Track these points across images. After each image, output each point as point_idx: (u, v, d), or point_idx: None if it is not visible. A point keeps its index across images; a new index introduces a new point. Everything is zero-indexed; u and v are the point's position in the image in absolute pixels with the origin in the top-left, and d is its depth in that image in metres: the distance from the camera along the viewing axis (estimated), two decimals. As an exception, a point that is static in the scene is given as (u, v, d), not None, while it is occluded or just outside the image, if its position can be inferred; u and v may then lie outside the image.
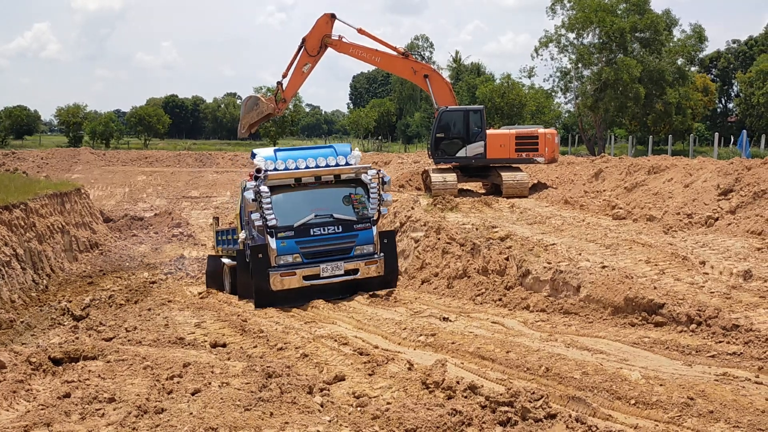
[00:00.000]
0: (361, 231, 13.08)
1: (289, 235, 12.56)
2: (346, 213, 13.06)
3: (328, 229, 12.81)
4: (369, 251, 13.13)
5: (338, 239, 12.89)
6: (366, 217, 13.19)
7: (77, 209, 19.68)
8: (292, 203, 12.87)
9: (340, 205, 13.13)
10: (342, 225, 12.91)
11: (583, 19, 46.63)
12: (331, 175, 13.26)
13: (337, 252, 12.86)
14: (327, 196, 13.20)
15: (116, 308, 13.14)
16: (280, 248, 12.48)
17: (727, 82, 73.85)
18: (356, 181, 13.40)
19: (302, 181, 13.07)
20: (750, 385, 6.81)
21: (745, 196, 14.67)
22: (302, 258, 12.60)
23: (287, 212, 12.63)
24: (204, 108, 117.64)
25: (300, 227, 12.62)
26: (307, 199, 13.07)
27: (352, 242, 12.98)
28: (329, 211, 12.97)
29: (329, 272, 12.65)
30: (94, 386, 6.56)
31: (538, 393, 6.42)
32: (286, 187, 12.95)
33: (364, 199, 13.30)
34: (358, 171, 13.38)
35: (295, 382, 6.97)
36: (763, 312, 8.77)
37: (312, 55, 21.59)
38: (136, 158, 46.71)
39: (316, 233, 12.71)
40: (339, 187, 13.35)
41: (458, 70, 74.32)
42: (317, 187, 13.22)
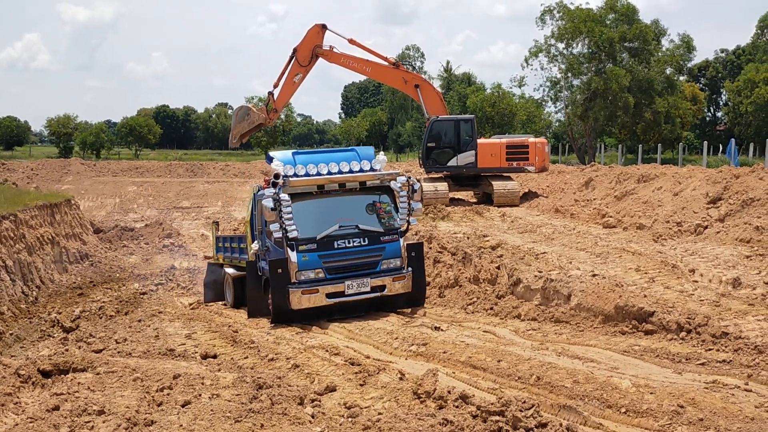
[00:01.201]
0: (388, 243, 11.98)
1: (312, 248, 11.46)
2: (372, 224, 11.98)
3: (354, 242, 11.72)
4: (396, 266, 12.03)
5: (364, 253, 11.78)
6: (393, 229, 12.10)
7: (67, 220, 19.58)
8: (314, 213, 11.79)
9: (365, 215, 12.06)
10: (368, 237, 11.82)
11: (572, 30, 46.98)
12: (356, 182, 12.13)
13: (363, 267, 11.79)
14: (351, 205, 12.07)
15: (106, 320, 13.07)
16: (301, 263, 11.37)
17: (715, 91, 74.49)
18: (382, 189, 12.33)
19: (325, 188, 11.97)
20: (739, 393, 6.84)
21: (734, 204, 14.79)
22: (325, 273, 11.52)
23: (309, 223, 11.54)
24: (195, 118, 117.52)
25: (323, 239, 11.53)
26: (330, 208, 11.94)
27: (378, 256, 11.89)
28: (354, 222, 11.87)
29: (354, 289, 11.58)
30: (84, 398, 6.53)
31: (529, 402, 6.43)
32: (307, 194, 11.83)
33: (391, 208, 12.27)
34: (388, 177, 12.29)
35: (285, 393, 6.95)
36: (752, 319, 8.82)
37: (303, 66, 21.65)
38: (127, 169, 46.56)
39: (340, 246, 11.61)
40: (364, 194, 12.21)
41: (449, 80, 74.65)
42: (340, 195, 12.06)
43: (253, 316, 12.44)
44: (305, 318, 11.51)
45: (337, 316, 11.64)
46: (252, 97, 62.99)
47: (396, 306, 12.07)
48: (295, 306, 11.30)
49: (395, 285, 11.87)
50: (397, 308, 11.99)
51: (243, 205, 32.04)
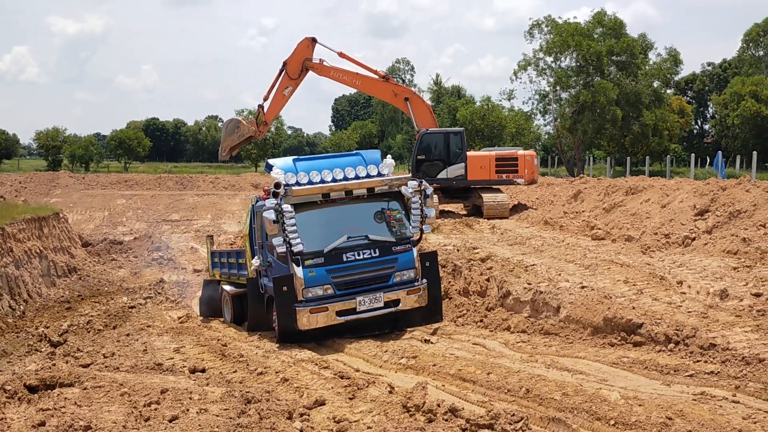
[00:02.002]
0: (400, 254, 11.23)
1: (319, 262, 10.68)
2: (382, 233, 11.22)
3: (364, 254, 10.93)
4: (410, 277, 11.28)
5: (376, 265, 11.00)
6: (405, 238, 11.35)
7: (55, 234, 19.46)
8: (320, 223, 11.02)
9: (374, 224, 11.29)
10: (379, 248, 11.06)
11: (560, 43, 47.40)
12: (364, 189, 11.35)
13: (375, 280, 11.02)
14: (359, 214, 11.31)
15: (94, 334, 12.95)
16: (308, 279, 10.59)
17: (702, 104, 75.22)
18: (391, 195, 11.59)
19: (331, 197, 11.19)
20: (727, 404, 6.88)
21: (721, 216, 14.89)
22: (334, 289, 10.77)
23: (314, 235, 10.77)
24: (185, 131, 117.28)
25: (331, 252, 10.77)
26: (336, 217, 11.17)
27: (391, 268, 11.12)
28: (363, 232, 11.10)
29: (367, 305, 10.77)
30: (70, 414, 6.46)
31: (518, 415, 6.44)
32: (311, 204, 11.06)
33: (402, 216, 11.48)
34: (398, 183, 11.55)
35: (274, 407, 6.91)
36: (740, 331, 8.87)
37: (293, 79, 21.71)
38: (116, 182, 46.30)
39: (349, 259, 10.84)
40: (372, 202, 11.43)
41: (439, 93, 74.95)
42: (347, 203, 11.28)
43: (253, 330, 12.12)
44: (314, 338, 10.81)
45: (348, 336, 10.91)
46: (242, 110, 63.11)
47: (411, 323, 11.36)
48: (303, 326, 10.51)
49: (410, 299, 11.13)
50: (413, 325, 11.31)
51: (233, 218, 31.98)
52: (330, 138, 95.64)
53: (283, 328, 10.77)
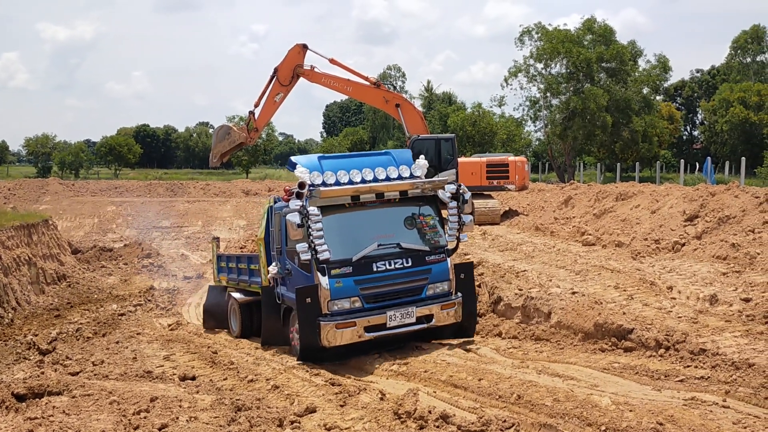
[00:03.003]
0: (434, 264, 10.27)
1: (347, 272, 9.74)
2: (414, 241, 10.31)
3: (395, 263, 9.98)
4: (444, 290, 10.35)
5: (408, 276, 10.05)
6: (440, 246, 10.43)
7: (45, 241, 19.33)
8: (348, 229, 10.09)
9: (406, 231, 10.35)
10: (411, 257, 10.12)
11: (550, 50, 47.66)
12: (396, 192, 10.39)
13: (406, 293, 10.08)
14: (389, 219, 10.38)
15: (83, 341, 12.86)
16: (334, 290, 9.65)
17: (691, 111, 75.78)
18: (424, 199, 10.65)
19: (360, 199, 10.23)
20: (717, 410, 6.89)
21: (710, 221, 14.98)
22: (363, 302, 9.82)
23: (341, 241, 9.85)
24: (176, 137, 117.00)
25: (360, 261, 9.82)
26: (365, 223, 10.25)
27: (424, 279, 10.19)
28: (395, 239, 10.18)
29: (398, 320, 9.85)
30: (59, 423, 6.41)
31: (509, 421, 6.44)
32: (338, 207, 10.08)
33: (436, 222, 10.60)
34: (434, 186, 10.60)
35: (265, 414, 6.88)
36: (729, 336, 8.91)
37: (284, 85, 21.68)
38: (106, 188, 46.13)
39: (379, 269, 9.88)
40: (403, 206, 10.51)
41: (430, 99, 75.18)
42: (377, 207, 10.34)
43: (267, 344, 11.28)
44: (338, 357, 9.91)
45: (374, 352, 10.11)
46: (233, 117, 62.99)
47: (442, 337, 10.59)
48: (328, 342, 9.56)
49: (443, 314, 10.17)
50: (443, 339, 10.57)
51: (224, 225, 31.89)
52: (321, 144, 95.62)
53: (305, 345, 9.77)
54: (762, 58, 61.45)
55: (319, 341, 9.59)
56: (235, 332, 12.99)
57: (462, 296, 10.46)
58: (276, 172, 76.32)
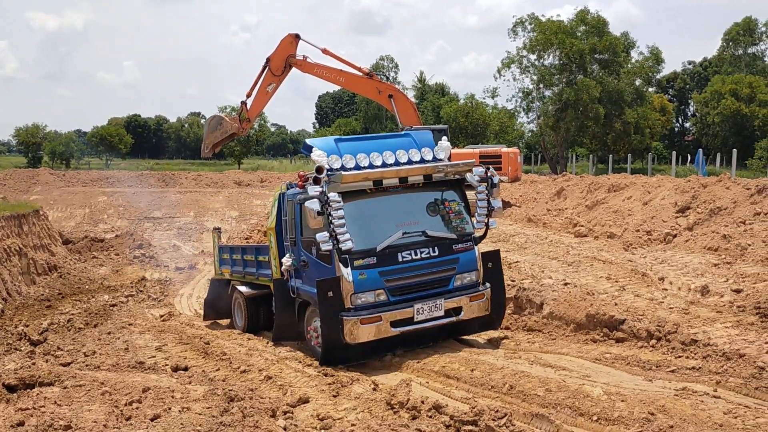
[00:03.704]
0: (462, 253, 9.67)
1: (370, 263, 9.09)
2: (440, 228, 9.69)
3: (422, 253, 9.36)
4: (472, 281, 9.78)
5: (435, 266, 9.46)
6: (466, 234, 9.83)
7: (35, 231, 19.20)
8: (369, 216, 9.45)
9: (429, 218, 9.73)
10: (438, 246, 9.50)
11: (543, 41, 47.66)
12: (421, 176, 9.73)
13: (433, 284, 9.49)
14: (412, 205, 9.72)
15: (75, 332, 12.80)
16: (358, 282, 9.02)
17: (683, 102, 76.00)
18: (448, 183, 10.01)
19: (383, 184, 9.55)
20: (708, 399, 6.94)
21: (702, 213, 15.05)
22: (388, 295, 9.20)
23: (363, 230, 9.19)
24: (167, 127, 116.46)
25: (384, 251, 9.17)
26: (387, 209, 9.57)
27: (452, 270, 9.59)
28: (420, 227, 9.54)
29: (426, 314, 9.26)
30: (50, 414, 6.38)
31: (501, 411, 6.46)
32: (359, 193, 9.40)
33: (461, 208, 10.00)
34: (462, 169, 9.95)
35: (257, 405, 6.87)
36: (720, 327, 8.97)
37: (276, 75, 21.55)
38: (97, 179, 45.93)
39: (405, 259, 9.25)
40: (427, 191, 9.87)
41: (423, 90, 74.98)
42: (399, 193, 9.67)
43: (278, 339, 10.72)
44: (364, 354, 9.34)
45: (399, 350, 9.55)
46: (225, 107, 62.71)
47: (467, 330, 10.11)
48: (352, 339, 8.97)
49: (472, 306, 9.63)
50: (470, 333, 10.15)
51: (216, 215, 31.79)
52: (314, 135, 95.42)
53: (328, 343, 9.11)
54: (754, 50, 61.65)
55: (342, 338, 8.97)
56: (240, 327, 12.46)
57: (490, 287, 9.91)
58: (268, 163, 76.12)
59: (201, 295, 16.57)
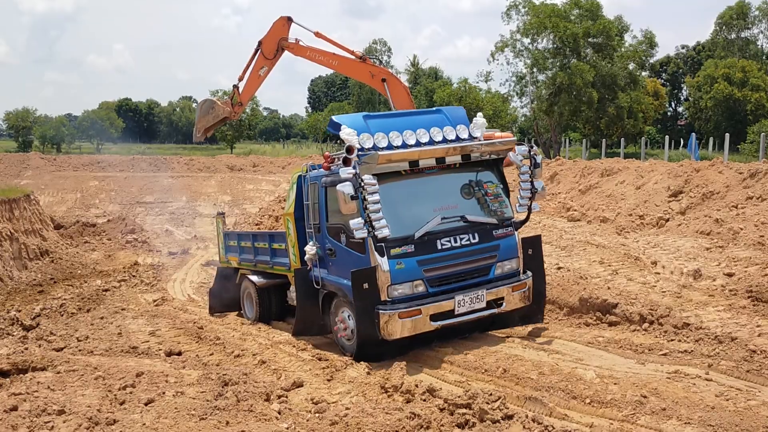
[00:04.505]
0: (502, 239, 8.99)
1: (408, 251, 8.37)
2: (478, 212, 8.99)
3: (461, 239, 8.67)
4: (513, 269, 9.10)
5: (476, 254, 8.75)
6: (506, 218, 9.17)
7: (26, 216, 19.09)
8: (404, 200, 8.69)
9: (467, 201, 9.02)
10: (478, 232, 8.81)
11: (537, 25, 47.43)
12: (459, 155, 8.94)
13: (473, 273, 8.79)
14: (449, 188, 9.00)
15: (68, 317, 12.77)
16: (395, 272, 8.30)
17: (676, 87, 75.97)
18: (486, 163, 9.32)
19: (419, 165, 8.76)
20: (700, 382, 6.99)
21: (694, 197, 15.10)
22: (426, 286, 8.49)
23: (398, 215, 8.45)
24: (158, 111, 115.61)
25: (423, 238, 8.46)
26: (422, 192, 8.84)
27: (492, 257, 8.89)
28: (458, 211, 8.82)
29: (467, 306, 8.55)
30: (43, 398, 6.36)
31: (495, 394, 6.48)
32: (392, 175, 8.60)
33: (500, 190, 9.32)
34: (504, 147, 9.25)
35: (252, 389, 6.87)
36: (713, 310, 9.02)
37: (268, 59, 21.29)
38: (88, 163, 45.70)
39: (444, 246, 8.55)
40: (463, 172, 9.12)
41: (416, 74, 74.69)
42: (434, 174, 8.90)
43: (300, 334, 9.89)
44: (399, 349, 8.67)
45: (435, 344, 8.97)
46: (217, 91, 62.32)
47: (509, 324, 9.48)
48: (390, 334, 8.25)
49: (515, 297, 8.96)
50: (510, 326, 9.50)
51: (209, 200, 31.70)
52: (306, 120, 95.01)
53: (363, 338, 8.46)
54: (747, 34, 61.56)
55: (377, 333, 8.28)
56: (250, 318, 11.84)
57: (532, 276, 9.22)
58: (260, 148, 75.79)
59: (194, 279, 16.57)
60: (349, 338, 8.91)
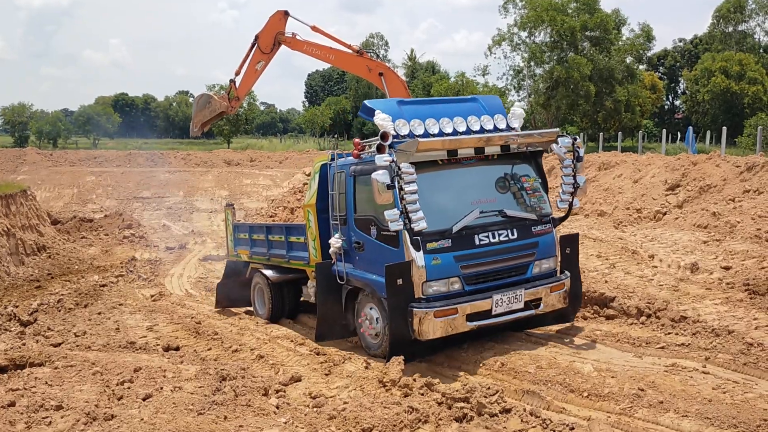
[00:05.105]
0: (541, 236, 8.57)
1: (445, 246, 7.88)
2: (517, 207, 8.56)
3: (500, 235, 8.20)
4: (550, 268, 8.69)
5: (514, 251, 8.31)
6: (545, 214, 8.76)
7: (23, 211, 19.03)
8: (441, 192, 8.19)
9: (504, 194, 8.57)
10: (517, 228, 8.36)
11: (534, 18, 47.43)
12: (498, 146, 8.49)
13: (511, 272, 8.35)
14: (487, 180, 8.53)
15: (65, 313, 12.74)
16: (431, 268, 7.78)
17: (673, 80, 75.95)
18: (524, 156, 8.88)
19: (457, 155, 8.29)
20: (698, 375, 7.01)
21: (692, 190, 15.11)
22: (463, 284, 8.01)
23: (434, 207, 7.90)
24: (155, 106, 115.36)
25: (460, 232, 7.98)
26: (460, 184, 8.34)
27: (531, 255, 8.46)
28: (496, 205, 8.37)
29: (505, 306, 8.07)
30: (41, 394, 6.37)
31: (493, 388, 6.50)
32: (429, 164, 8.10)
33: (538, 184, 8.88)
34: (546, 139, 8.77)
35: (250, 384, 6.88)
36: (710, 303, 9.04)
37: (265, 53, 21.22)
38: (85, 158, 45.61)
39: (483, 242, 8.08)
40: (502, 164, 8.65)
41: (413, 68, 74.73)
42: (472, 165, 8.44)
43: (322, 339, 9.27)
44: (432, 350, 8.29)
45: (466, 345, 8.54)
46: (214, 85, 62.28)
47: (542, 324, 9.10)
48: (424, 334, 7.73)
49: (552, 298, 8.50)
50: (543, 326, 9.12)
51: (206, 195, 31.66)
52: (303, 114, 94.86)
53: (396, 338, 7.90)
54: (744, 27, 61.56)
55: (410, 333, 7.79)
56: (261, 316, 11.30)
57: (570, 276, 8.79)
58: (257, 142, 75.73)
59: (191, 274, 16.55)
60: (376, 336, 8.45)
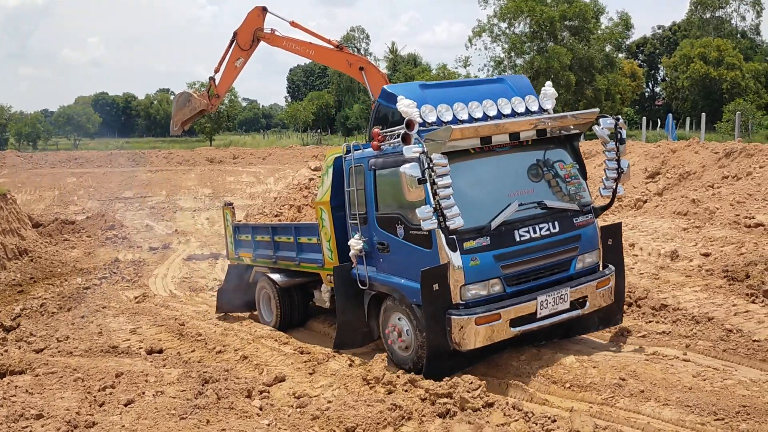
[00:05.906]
0: (583, 228, 7.71)
1: (483, 244, 7.03)
2: (556, 197, 7.71)
3: (541, 230, 7.36)
4: (593, 262, 7.84)
5: (557, 246, 7.47)
6: (585, 204, 7.87)
7: (3, 215, 18.84)
8: (476, 183, 7.34)
9: (541, 184, 7.72)
10: (558, 220, 7.51)
11: (514, 9, 47.50)
12: (534, 131, 7.62)
13: (554, 269, 7.51)
14: (522, 169, 7.67)
15: (48, 317, 12.63)
16: (469, 270, 6.94)
17: (653, 67, 76.42)
18: (559, 141, 8.00)
19: (491, 142, 7.38)
20: (678, 363, 7.08)
21: (671, 178, 15.23)
22: (504, 285, 7.16)
23: (469, 201, 7.05)
24: (136, 105, 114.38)
25: (500, 229, 7.13)
26: (494, 174, 7.50)
27: (574, 249, 7.62)
28: (534, 196, 7.50)
29: (550, 308, 7.26)
30: (21, 403, 6.31)
31: (476, 383, 6.52)
32: (460, 154, 7.21)
33: (576, 171, 8.03)
34: (586, 121, 8.01)
35: (233, 386, 6.86)
36: (690, 291, 9.13)
37: (244, 50, 21.13)
38: (66, 159, 45.08)
39: (523, 238, 7.23)
40: (537, 150, 7.80)
41: (395, 62, 74.59)
42: (506, 153, 7.55)
43: (342, 347, 8.61)
44: (472, 360, 7.43)
45: (507, 351, 7.80)
46: (194, 83, 61.85)
47: (589, 328, 8.23)
48: (464, 344, 6.91)
49: (598, 295, 7.65)
50: (589, 330, 8.26)
51: (189, 194, 31.44)
52: (286, 109, 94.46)
53: (434, 350, 7.11)
54: (721, 13, 62.04)
55: (450, 343, 6.98)
56: (268, 323, 10.59)
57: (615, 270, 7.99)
58: (240, 139, 75.29)
59: (175, 275, 16.46)
60: (407, 349, 7.61)
